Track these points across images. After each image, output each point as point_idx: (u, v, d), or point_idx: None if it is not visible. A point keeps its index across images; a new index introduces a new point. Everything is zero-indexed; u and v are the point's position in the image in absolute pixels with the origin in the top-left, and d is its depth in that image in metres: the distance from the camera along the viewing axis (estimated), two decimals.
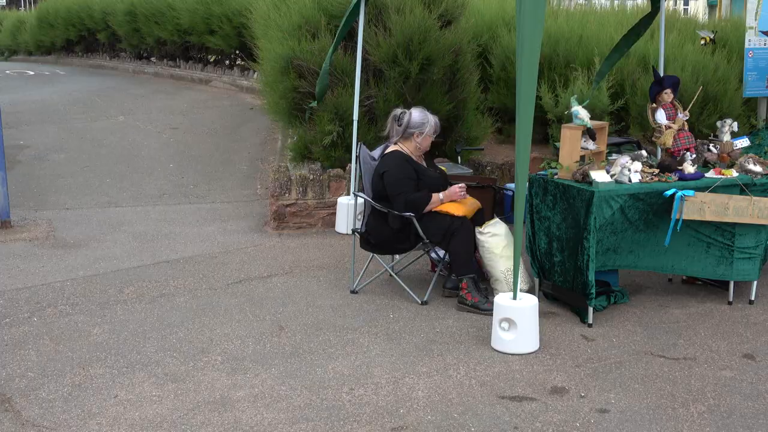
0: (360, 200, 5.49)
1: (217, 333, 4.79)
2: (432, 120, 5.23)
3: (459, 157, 7.40)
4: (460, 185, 5.26)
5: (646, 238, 4.95)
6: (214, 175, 9.26)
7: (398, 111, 5.30)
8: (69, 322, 4.95)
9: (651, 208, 4.90)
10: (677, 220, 4.82)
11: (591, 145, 5.15)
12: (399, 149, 5.27)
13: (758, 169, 5.09)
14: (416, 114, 5.24)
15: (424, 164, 5.37)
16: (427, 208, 5.14)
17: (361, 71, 7.02)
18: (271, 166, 7.62)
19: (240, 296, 5.42)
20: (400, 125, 5.23)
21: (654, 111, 5.44)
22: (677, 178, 5.04)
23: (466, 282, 5.09)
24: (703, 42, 8.20)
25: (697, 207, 4.85)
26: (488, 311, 4.94)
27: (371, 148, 5.66)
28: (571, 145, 4.99)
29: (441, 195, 5.19)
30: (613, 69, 7.67)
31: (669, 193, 4.88)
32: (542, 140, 9.13)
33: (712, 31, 8.41)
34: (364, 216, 5.45)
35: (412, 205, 5.09)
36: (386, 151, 5.31)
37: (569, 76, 8.16)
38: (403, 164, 5.17)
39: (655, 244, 4.99)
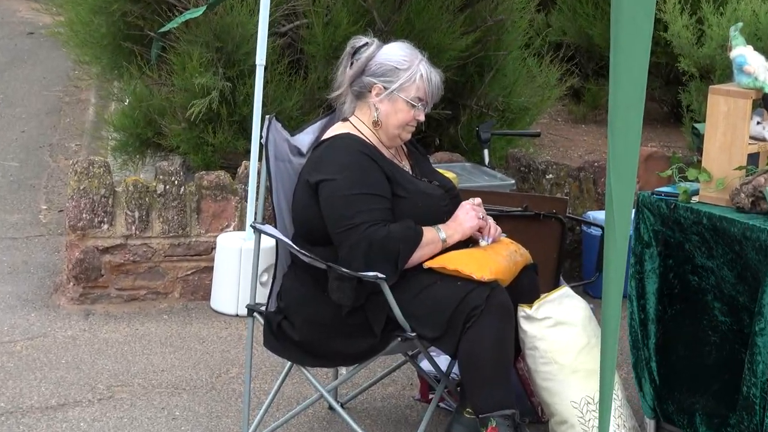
0: (267, 243, 5.53)
1: None
2: (422, 68, 5.29)
3: (487, 152, 7.46)
4: (477, 201, 5.35)
5: None
6: None
7: (360, 40, 5.37)
8: None
9: None
10: None
11: None
12: (352, 130, 5.35)
13: None
14: (389, 49, 5.35)
15: (408, 168, 5.46)
16: (415, 260, 5.22)
17: None
18: (72, 164, 7.62)
19: None
20: (351, 67, 5.31)
21: None
22: None
23: (497, 426, 5.14)
24: None
25: None
26: None
27: (295, 126, 5.70)
28: (729, 130, 5.07)
29: (442, 230, 5.27)
30: None
31: None
32: (668, 118, 9.24)
33: None
34: (275, 276, 5.49)
35: (383, 253, 5.15)
36: (326, 135, 5.39)
37: None
38: (360, 162, 5.25)
39: None
